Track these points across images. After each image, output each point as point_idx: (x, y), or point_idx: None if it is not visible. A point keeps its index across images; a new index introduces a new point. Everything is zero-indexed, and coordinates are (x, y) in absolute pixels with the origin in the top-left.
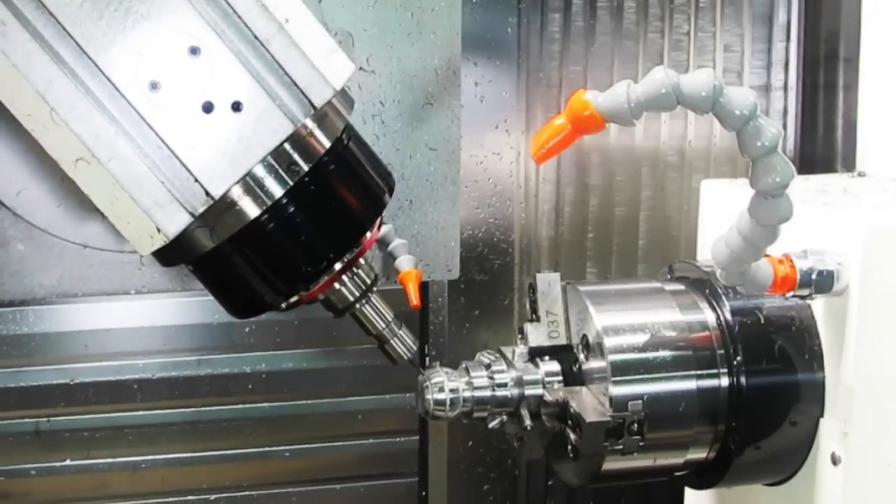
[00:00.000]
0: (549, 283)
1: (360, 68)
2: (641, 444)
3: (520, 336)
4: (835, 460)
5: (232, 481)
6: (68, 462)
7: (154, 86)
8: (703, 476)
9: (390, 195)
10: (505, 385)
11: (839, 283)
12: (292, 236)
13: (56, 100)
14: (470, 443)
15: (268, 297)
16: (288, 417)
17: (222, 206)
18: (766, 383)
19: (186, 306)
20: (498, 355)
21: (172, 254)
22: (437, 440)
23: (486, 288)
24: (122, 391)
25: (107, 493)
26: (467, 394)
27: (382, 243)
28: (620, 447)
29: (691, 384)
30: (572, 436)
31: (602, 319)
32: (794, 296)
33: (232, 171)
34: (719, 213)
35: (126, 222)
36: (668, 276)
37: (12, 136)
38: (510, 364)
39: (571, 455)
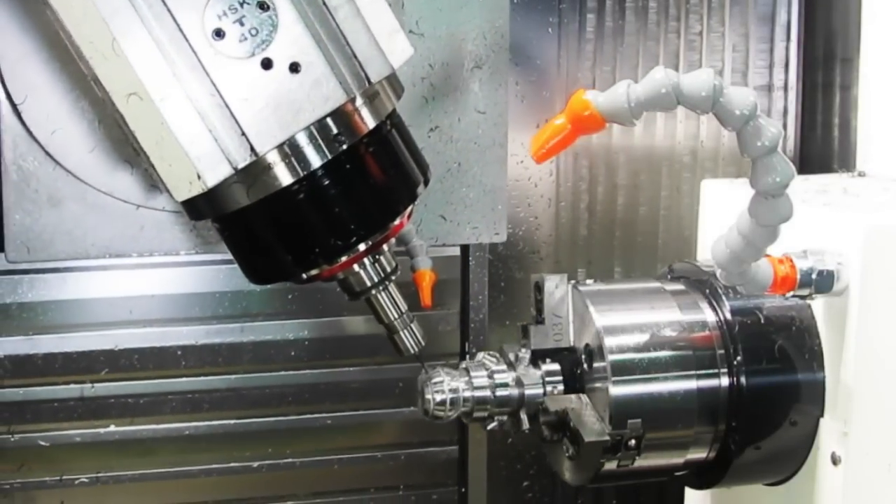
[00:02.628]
0: (555, 284)
1: (410, 31)
2: (638, 457)
3: (523, 336)
4: (835, 460)
5: (274, 448)
6: (112, 428)
7: (218, 34)
8: (703, 476)
9: (426, 185)
10: (505, 385)
11: (839, 283)
12: (323, 208)
13: (120, 30)
14: (509, 440)
15: (289, 266)
16: (330, 385)
17: (261, 166)
18: (766, 383)
19: (231, 273)
20: (499, 356)
21: (204, 206)
22: (476, 437)
23: (525, 286)
24: (166, 357)
25: (151, 459)
26: (467, 394)
27: (401, 241)
28: (616, 462)
29: (691, 384)
30: (570, 448)
31: (602, 319)
32: (794, 296)
33: (280, 131)
34: (719, 213)
35: (168, 164)
36: (669, 276)
37: (58, 73)
38: (511, 365)
39: (570, 457)
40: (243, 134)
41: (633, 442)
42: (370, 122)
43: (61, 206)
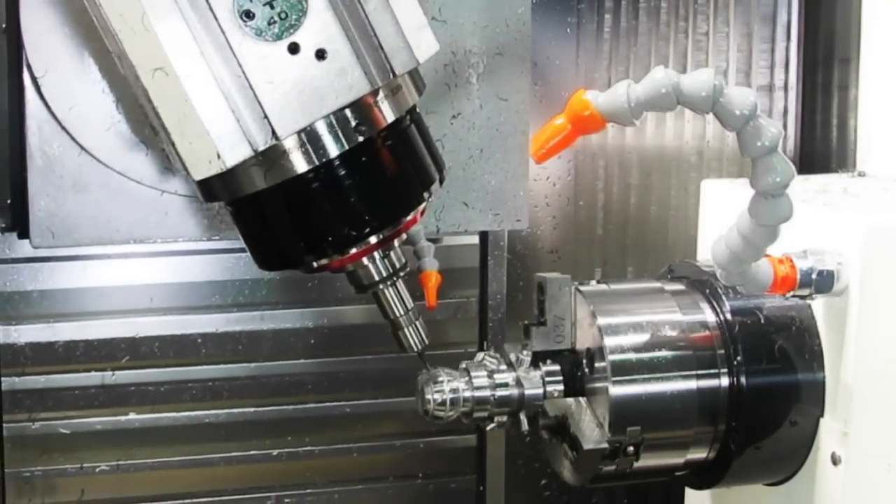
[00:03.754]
0: (559, 286)
1: (433, 18)
2: (636, 462)
3: (524, 335)
4: (835, 460)
5: (294, 436)
6: (132, 416)
7: (248, 15)
8: (703, 476)
9: (441, 184)
10: (505, 385)
11: (839, 283)
12: (338, 197)
13: (151, 4)
14: (528, 439)
15: (300, 253)
16: (349, 373)
17: (281, 151)
18: (766, 383)
19: (251, 262)
20: (499, 356)
21: (220, 187)
22: (493, 435)
23: None
24: (187, 345)
25: (171, 448)
26: (468, 394)
27: (410, 241)
28: (614, 467)
29: (691, 384)
30: (569, 453)
31: (602, 319)
32: (794, 296)
33: (302, 117)
34: (719, 213)
35: (188, 142)
36: (669, 276)
37: (80, 50)
38: (511, 365)
39: (568, 459)
40: (265, 117)
41: (631, 448)
42: (391, 116)
43: (86, 191)
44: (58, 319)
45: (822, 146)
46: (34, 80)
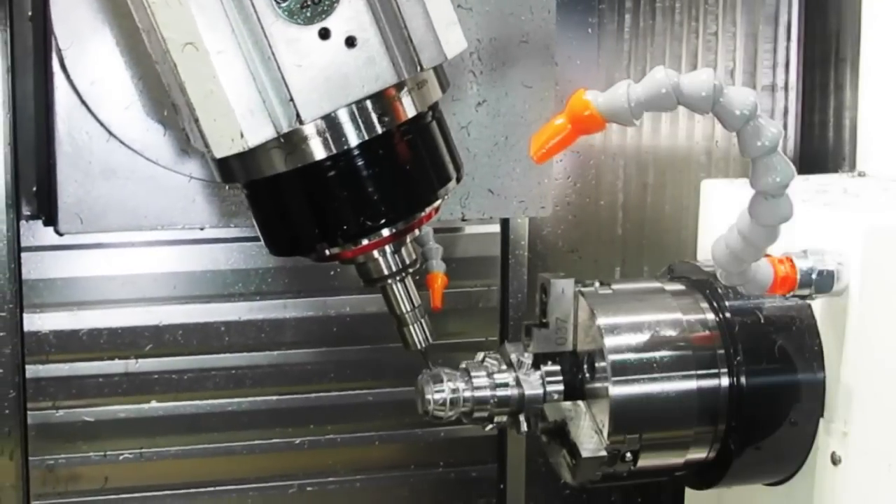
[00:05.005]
0: (562, 289)
1: (458, 6)
2: (633, 468)
3: (525, 335)
4: (835, 460)
5: (316, 425)
6: (155, 404)
7: None
8: (703, 476)
9: (458, 181)
10: (506, 385)
11: (839, 283)
12: (354, 186)
13: None
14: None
15: (313, 240)
16: (372, 361)
17: (303, 135)
18: (766, 383)
19: None
20: (500, 357)
21: (239, 167)
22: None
23: None
24: (210, 333)
25: (194, 436)
26: (468, 393)
27: (419, 243)
28: (611, 472)
29: (691, 384)
30: (568, 458)
31: (602, 319)
32: (794, 296)
33: (327, 103)
34: (719, 213)
35: (212, 119)
36: (669, 276)
37: (106, 25)
38: (511, 366)
39: (567, 464)
40: (291, 100)
41: (629, 455)
42: (414, 109)
43: (114, 178)
44: (82, 307)
45: (822, 146)
46: (59, 50)
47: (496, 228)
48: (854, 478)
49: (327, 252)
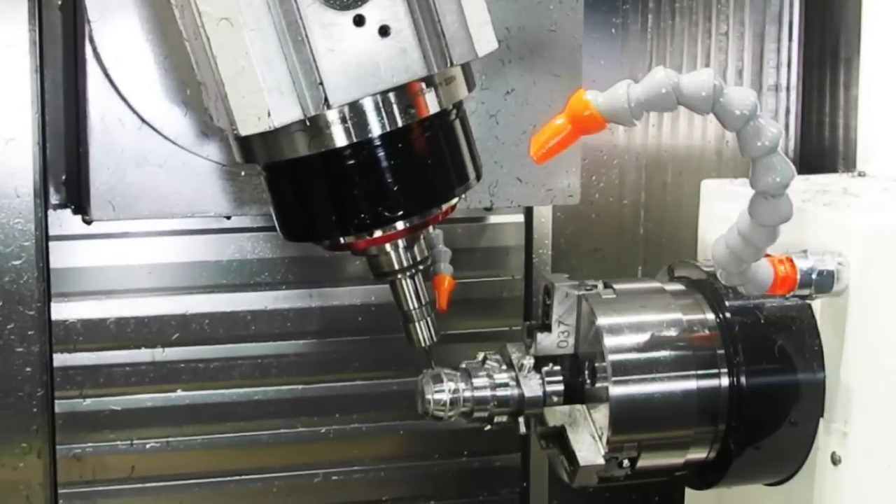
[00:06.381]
0: (566, 292)
1: None
2: (629, 474)
3: (527, 335)
4: (835, 460)
5: (341, 414)
6: (181, 393)
7: None
8: (703, 476)
9: (478, 180)
10: (506, 385)
11: (839, 283)
12: (374, 176)
13: None
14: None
15: (329, 227)
16: (397, 351)
17: (327, 121)
18: (766, 383)
19: None
20: (500, 357)
21: (262, 148)
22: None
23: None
24: (236, 322)
25: (220, 425)
26: (468, 394)
27: (428, 245)
28: (608, 477)
29: (691, 384)
30: (566, 464)
31: (602, 320)
32: (794, 296)
33: (356, 89)
34: (719, 213)
35: (241, 96)
36: (669, 277)
37: (135, 3)
38: (511, 366)
39: (565, 469)
40: (321, 83)
41: (626, 462)
42: (441, 105)
43: (146, 165)
44: (109, 296)
45: (822, 146)
46: (88, 24)
47: (520, 218)
48: (854, 478)
49: (342, 241)
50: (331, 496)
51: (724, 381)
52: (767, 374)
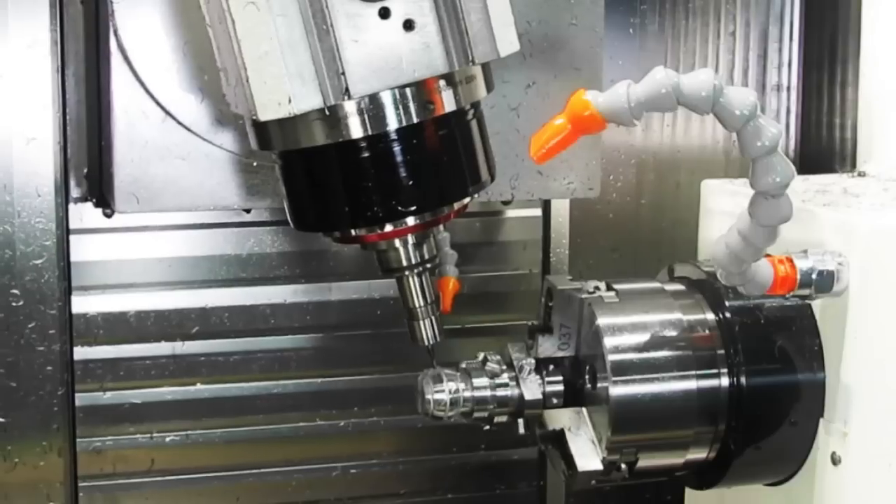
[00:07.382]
0: (567, 295)
1: None
2: (626, 477)
3: (528, 336)
4: (835, 460)
5: (360, 407)
6: (201, 386)
7: None
8: (703, 476)
9: (491, 180)
10: (506, 385)
11: (839, 284)
12: (389, 169)
13: None
14: None
15: (341, 218)
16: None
17: (346, 111)
18: (766, 383)
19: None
20: (500, 357)
21: (279, 135)
22: None
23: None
24: (256, 316)
25: (240, 418)
26: (467, 394)
27: (435, 247)
28: (606, 480)
29: (691, 384)
30: (564, 467)
31: (602, 320)
32: (794, 296)
33: (377, 81)
34: (719, 213)
35: (263, 81)
36: (669, 277)
37: None
38: (511, 366)
39: (563, 473)
40: (343, 73)
41: (624, 466)
42: (459, 103)
43: (170, 157)
44: (129, 290)
45: (822, 146)
46: (113, 14)
47: (537, 212)
48: (854, 478)
49: (352, 233)
50: (350, 489)
51: (724, 382)
52: (767, 375)
